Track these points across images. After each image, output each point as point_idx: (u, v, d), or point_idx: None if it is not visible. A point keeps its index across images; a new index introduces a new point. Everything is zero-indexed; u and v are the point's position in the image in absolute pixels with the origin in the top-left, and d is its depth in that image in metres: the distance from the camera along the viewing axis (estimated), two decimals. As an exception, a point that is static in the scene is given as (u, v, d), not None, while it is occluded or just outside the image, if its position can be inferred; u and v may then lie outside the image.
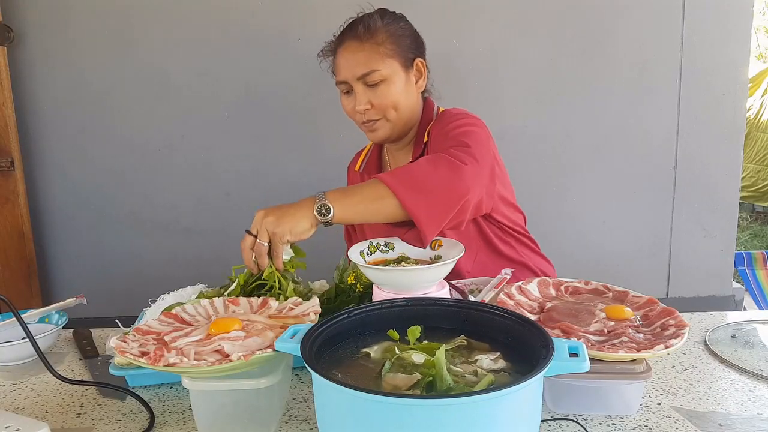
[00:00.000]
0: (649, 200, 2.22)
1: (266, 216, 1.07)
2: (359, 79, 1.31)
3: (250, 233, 1.08)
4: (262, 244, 1.05)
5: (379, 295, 1.01)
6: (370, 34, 1.32)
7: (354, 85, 1.32)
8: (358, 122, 1.37)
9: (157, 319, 0.95)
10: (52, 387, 1.03)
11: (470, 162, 1.13)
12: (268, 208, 1.08)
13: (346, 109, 1.38)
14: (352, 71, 1.31)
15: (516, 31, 2.09)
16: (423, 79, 1.39)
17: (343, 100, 1.38)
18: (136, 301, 1.30)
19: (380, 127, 1.36)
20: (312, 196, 1.08)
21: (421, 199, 1.07)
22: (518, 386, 0.60)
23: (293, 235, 1.06)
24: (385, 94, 1.32)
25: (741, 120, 2.20)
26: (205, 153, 2.13)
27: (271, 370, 0.82)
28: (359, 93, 1.32)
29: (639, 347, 0.85)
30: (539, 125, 2.14)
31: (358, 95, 1.32)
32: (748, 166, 5.61)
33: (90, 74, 2.06)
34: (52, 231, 2.18)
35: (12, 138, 2.01)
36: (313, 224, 1.07)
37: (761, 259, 2.30)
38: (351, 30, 1.34)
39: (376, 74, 1.30)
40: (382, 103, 1.32)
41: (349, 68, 1.31)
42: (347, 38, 1.34)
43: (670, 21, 2.10)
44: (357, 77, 1.31)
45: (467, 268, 1.36)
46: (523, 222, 1.48)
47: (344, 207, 1.07)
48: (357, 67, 1.30)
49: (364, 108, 1.32)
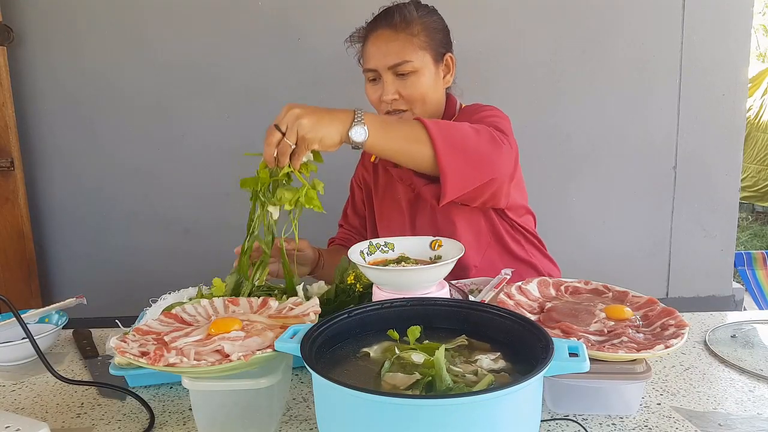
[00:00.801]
0: (649, 200, 2.22)
1: (300, 117, 1.00)
2: (390, 69, 1.30)
3: (278, 129, 1.02)
4: (290, 144, 1.01)
5: (379, 295, 1.01)
6: (406, 24, 1.30)
7: (383, 73, 1.31)
8: (382, 112, 1.36)
9: (157, 319, 0.95)
10: (52, 387, 1.03)
11: (507, 147, 1.15)
12: (302, 106, 1.02)
13: (371, 97, 1.36)
14: (384, 60, 1.30)
15: (515, 32, 2.09)
16: (451, 74, 1.39)
17: (368, 87, 1.36)
18: (135, 301, 1.30)
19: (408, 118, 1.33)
20: (349, 109, 1.04)
21: (456, 158, 1.07)
22: (518, 386, 0.60)
23: (322, 146, 1.02)
24: (414, 85, 1.30)
25: (741, 120, 2.20)
26: (205, 153, 2.13)
27: (271, 370, 0.82)
28: (388, 82, 1.30)
29: (639, 347, 0.85)
30: (539, 125, 2.14)
31: (386, 84, 1.30)
32: (749, 166, 5.61)
33: (89, 74, 2.07)
34: (52, 231, 2.18)
35: (12, 138, 2.01)
36: (343, 140, 1.03)
37: (761, 259, 2.30)
38: (386, 18, 1.32)
39: (408, 65, 1.29)
40: (410, 95, 1.31)
41: (380, 56, 1.30)
42: (381, 26, 1.32)
43: (670, 21, 2.10)
44: (388, 66, 1.29)
45: (475, 263, 1.35)
46: (533, 224, 1.48)
47: (379, 135, 1.03)
48: (389, 56, 1.29)
49: (392, 98, 1.31)
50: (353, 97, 2.07)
